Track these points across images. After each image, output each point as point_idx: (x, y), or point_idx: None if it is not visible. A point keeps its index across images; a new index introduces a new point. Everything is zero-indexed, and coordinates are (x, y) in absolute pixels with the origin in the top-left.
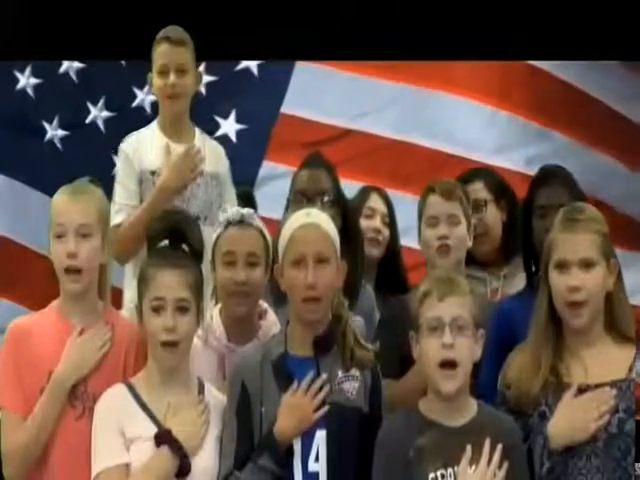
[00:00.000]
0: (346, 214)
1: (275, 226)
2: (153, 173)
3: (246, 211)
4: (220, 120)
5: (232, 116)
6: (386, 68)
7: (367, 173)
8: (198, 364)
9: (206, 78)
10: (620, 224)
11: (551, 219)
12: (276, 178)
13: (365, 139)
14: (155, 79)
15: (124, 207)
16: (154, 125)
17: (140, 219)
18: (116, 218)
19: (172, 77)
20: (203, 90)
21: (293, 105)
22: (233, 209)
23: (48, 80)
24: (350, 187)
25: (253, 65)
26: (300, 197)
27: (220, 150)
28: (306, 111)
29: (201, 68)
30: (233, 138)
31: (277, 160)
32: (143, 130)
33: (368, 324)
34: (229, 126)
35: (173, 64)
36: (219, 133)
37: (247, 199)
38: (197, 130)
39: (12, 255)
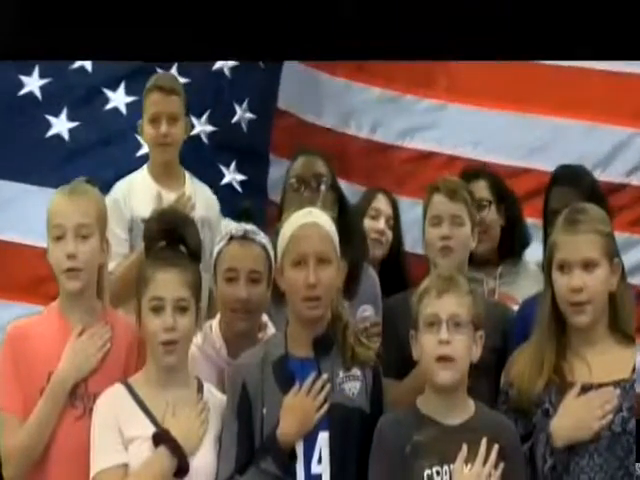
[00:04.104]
0: (342, 200)
1: None
2: (144, 221)
3: (249, 226)
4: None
5: (245, 105)
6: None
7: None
8: (196, 375)
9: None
10: None
11: None
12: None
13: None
14: (146, 127)
15: (113, 255)
16: (144, 171)
17: (129, 270)
18: None
19: (164, 126)
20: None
21: (286, 102)
22: (236, 224)
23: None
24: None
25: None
26: (296, 183)
27: (210, 194)
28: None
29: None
30: (244, 127)
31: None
32: (133, 176)
33: (371, 303)
34: (242, 114)
35: (165, 113)
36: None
37: (248, 217)
38: (187, 175)
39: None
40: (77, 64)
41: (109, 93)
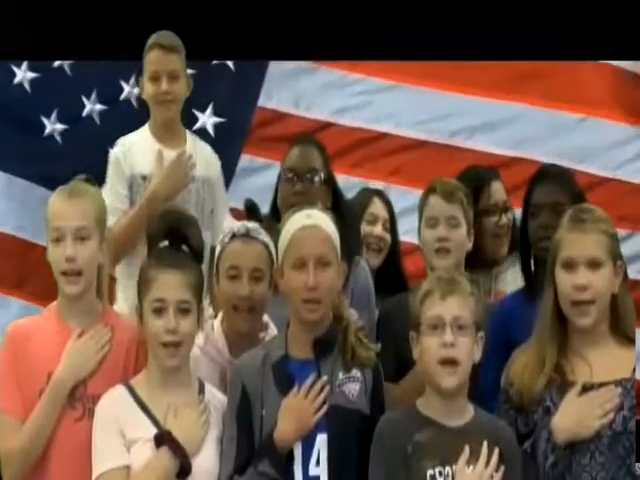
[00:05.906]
0: (336, 193)
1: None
2: (144, 178)
3: (252, 225)
4: (198, 113)
5: (209, 109)
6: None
7: (352, 166)
8: (199, 375)
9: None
10: None
11: (544, 217)
12: (254, 171)
13: (346, 133)
14: (146, 85)
15: (113, 211)
16: (145, 129)
17: (129, 225)
18: None
19: (164, 84)
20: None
21: (270, 98)
22: (239, 223)
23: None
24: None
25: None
26: (289, 174)
27: (211, 153)
28: (284, 105)
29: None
30: (211, 131)
31: (255, 153)
32: (134, 134)
33: (365, 297)
34: (207, 119)
35: (165, 70)
36: (197, 126)
37: (251, 209)
38: (188, 133)
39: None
40: (57, 64)
41: (84, 99)
